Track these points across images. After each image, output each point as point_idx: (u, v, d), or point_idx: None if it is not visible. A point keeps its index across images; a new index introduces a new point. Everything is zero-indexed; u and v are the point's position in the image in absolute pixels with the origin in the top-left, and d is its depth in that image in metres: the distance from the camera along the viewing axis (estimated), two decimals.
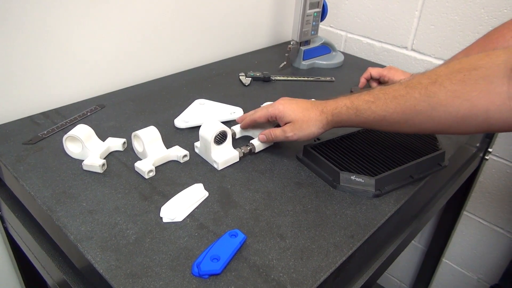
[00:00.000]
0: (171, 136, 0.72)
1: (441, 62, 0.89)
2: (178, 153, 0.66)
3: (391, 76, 0.89)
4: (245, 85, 0.94)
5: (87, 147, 0.64)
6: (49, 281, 0.68)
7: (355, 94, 0.59)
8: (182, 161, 0.66)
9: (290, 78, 0.99)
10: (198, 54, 1.05)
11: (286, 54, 1.04)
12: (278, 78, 0.99)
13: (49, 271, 0.65)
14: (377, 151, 0.67)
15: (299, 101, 0.65)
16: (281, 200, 0.59)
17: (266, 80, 0.97)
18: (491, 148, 0.99)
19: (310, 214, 0.57)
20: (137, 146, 0.67)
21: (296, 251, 0.51)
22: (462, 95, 0.47)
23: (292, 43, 1.03)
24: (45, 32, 0.75)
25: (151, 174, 0.62)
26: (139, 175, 0.62)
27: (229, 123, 0.77)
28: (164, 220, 0.54)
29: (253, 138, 0.70)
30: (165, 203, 0.56)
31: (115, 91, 0.88)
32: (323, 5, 1.02)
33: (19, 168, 0.63)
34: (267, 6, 1.17)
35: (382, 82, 0.92)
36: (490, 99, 0.45)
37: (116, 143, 0.68)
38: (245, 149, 0.67)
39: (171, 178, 0.62)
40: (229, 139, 0.66)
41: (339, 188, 0.62)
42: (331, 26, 1.25)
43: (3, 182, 0.71)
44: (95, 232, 0.52)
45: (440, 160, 0.69)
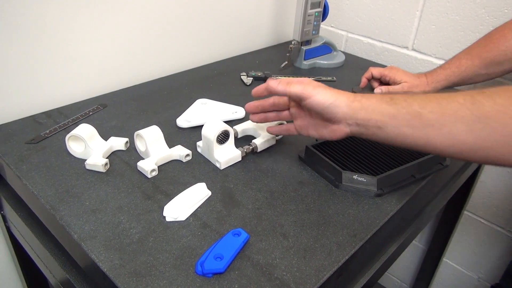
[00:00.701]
0: (174, 136, 0.73)
1: (442, 62, 0.89)
2: (180, 152, 0.66)
3: (392, 76, 0.89)
4: (247, 85, 0.95)
5: (90, 146, 0.64)
6: (52, 280, 0.68)
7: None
8: (184, 161, 0.66)
9: (291, 77, 1.00)
10: (199, 53, 1.06)
11: (287, 54, 1.04)
12: (279, 77, 0.99)
13: (52, 270, 0.65)
14: (379, 150, 0.68)
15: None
16: (284, 200, 0.59)
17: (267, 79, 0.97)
18: None
19: (313, 213, 0.57)
20: (140, 146, 0.67)
21: (299, 250, 0.51)
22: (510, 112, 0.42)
23: (293, 42, 1.03)
24: (47, 32, 0.76)
25: (154, 174, 0.63)
26: (141, 175, 0.63)
27: (231, 123, 0.77)
28: (167, 219, 0.54)
29: (255, 138, 0.70)
30: (168, 202, 0.56)
31: (117, 91, 0.88)
32: (324, 5, 1.03)
33: (22, 167, 0.63)
34: (269, 6, 1.17)
35: (383, 82, 0.93)
36: None
37: (118, 143, 0.68)
38: (248, 148, 0.67)
39: (173, 178, 0.62)
40: (232, 138, 0.66)
41: (341, 188, 0.62)
42: (332, 26, 1.26)
43: (6, 181, 0.71)
44: (98, 231, 0.52)
45: (442, 160, 0.69)
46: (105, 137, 0.69)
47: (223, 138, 0.65)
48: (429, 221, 0.84)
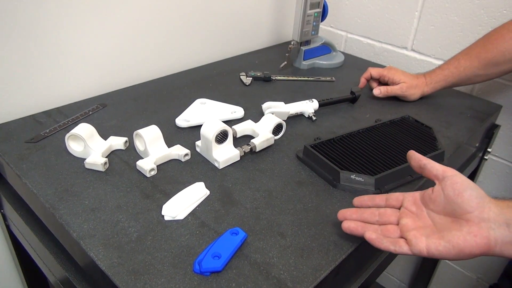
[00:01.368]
0: (173, 135, 0.73)
1: (441, 62, 0.90)
2: (179, 152, 0.66)
3: (391, 76, 0.90)
4: (246, 85, 0.95)
5: (89, 145, 0.64)
6: (51, 279, 0.69)
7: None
8: (183, 160, 0.67)
9: (291, 78, 1.00)
10: (199, 53, 1.06)
11: (287, 54, 1.04)
12: (279, 78, 0.99)
13: (51, 269, 0.66)
14: (377, 150, 0.68)
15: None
16: (282, 199, 0.60)
17: (267, 79, 0.98)
18: (490, 148, 1.00)
19: (311, 212, 0.57)
20: (139, 145, 0.67)
21: (297, 249, 0.51)
22: None
23: (292, 43, 1.03)
24: (47, 31, 0.76)
25: (153, 173, 0.63)
26: (140, 174, 0.63)
27: (230, 122, 0.77)
28: (166, 218, 0.55)
29: (254, 137, 0.70)
30: (167, 201, 0.57)
31: (117, 90, 0.88)
32: (324, 6, 1.03)
33: (22, 166, 0.63)
34: (268, 6, 1.17)
35: (382, 82, 0.93)
36: None
37: (118, 142, 0.68)
38: (246, 148, 0.67)
39: (172, 177, 0.63)
40: (230, 138, 0.66)
41: (339, 187, 0.62)
42: (331, 26, 1.26)
43: (6, 180, 0.71)
44: (97, 230, 0.52)
45: (440, 160, 0.69)
46: (104, 137, 0.69)
47: (221, 137, 0.65)
48: None
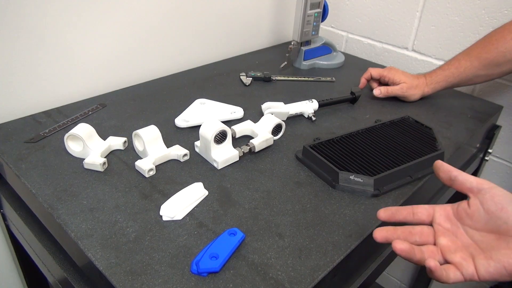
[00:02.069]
0: (172, 135, 0.73)
1: (441, 63, 0.89)
2: (178, 152, 0.66)
3: (391, 77, 0.89)
4: (246, 85, 0.95)
5: (88, 145, 0.64)
6: (50, 279, 0.69)
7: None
8: (182, 160, 0.66)
9: (291, 78, 1.00)
10: (199, 54, 1.06)
11: (287, 54, 1.04)
12: (279, 78, 0.99)
13: (50, 269, 0.66)
14: (376, 151, 0.68)
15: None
16: (280, 200, 0.59)
17: (267, 80, 0.97)
18: (491, 149, 0.99)
19: (309, 213, 0.57)
20: (138, 145, 0.67)
21: (295, 250, 0.51)
22: None
23: (292, 43, 1.03)
24: (46, 31, 0.76)
25: (152, 173, 0.63)
26: (139, 174, 0.63)
27: (229, 123, 0.77)
28: (164, 218, 0.55)
29: (253, 138, 0.70)
30: (165, 201, 0.57)
31: (117, 91, 0.88)
32: (324, 6, 1.03)
33: (21, 166, 0.63)
34: (268, 6, 1.17)
35: (382, 83, 0.93)
36: None
37: (117, 142, 0.68)
38: (245, 148, 0.67)
39: (171, 177, 0.63)
40: (229, 138, 0.66)
41: (338, 188, 0.62)
42: (332, 27, 1.26)
43: (5, 180, 0.71)
44: (95, 230, 0.52)
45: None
46: (104, 137, 0.69)
47: (220, 138, 0.65)
48: None
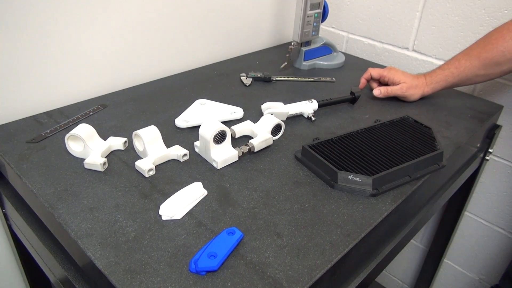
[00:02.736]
0: (172, 136, 0.73)
1: (442, 63, 0.89)
2: (178, 152, 0.67)
3: (391, 77, 0.90)
4: (246, 86, 0.95)
5: (89, 146, 0.65)
6: (51, 278, 0.69)
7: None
8: (182, 160, 0.67)
9: (291, 78, 1.00)
10: (199, 54, 1.06)
11: (287, 55, 1.04)
12: (279, 78, 0.99)
13: (51, 268, 0.66)
14: (375, 150, 0.68)
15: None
16: (279, 199, 0.60)
17: (267, 80, 0.98)
18: (491, 149, 0.99)
19: (308, 212, 0.57)
20: (138, 145, 0.67)
21: (293, 249, 0.51)
22: None
23: (293, 44, 1.03)
24: (48, 32, 0.77)
25: (151, 173, 0.63)
26: (139, 174, 0.63)
27: (229, 123, 0.78)
28: (163, 217, 0.55)
29: (252, 138, 0.71)
30: (165, 201, 0.57)
31: (118, 91, 0.89)
32: (324, 6, 1.03)
33: (22, 166, 0.64)
34: (268, 7, 1.18)
35: (382, 83, 0.93)
36: None
37: (117, 142, 0.69)
38: (245, 148, 0.68)
39: (170, 177, 0.63)
40: (229, 138, 0.67)
41: (337, 187, 0.62)
42: (333, 27, 1.26)
43: (7, 180, 0.72)
44: (95, 229, 0.53)
45: (438, 160, 0.69)
46: (105, 137, 0.69)
47: (220, 138, 0.65)
48: (426, 221, 0.84)
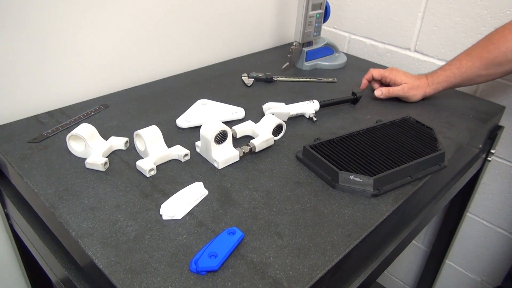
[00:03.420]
0: (173, 136, 0.73)
1: (443, 63, 0.89)
2: (179, 152, 0.67)
3: (392, 77, 0.89)
4: (248, 86, 0.95)
5: (90, 145, 0.65)
6: (52, 278, 0.70)
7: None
8: (183, 160, 0.67)
9: (292, 79, 1.00)
10: (201, 55, 1.07)
11: (289, 55, 1.04)
12: (281, 79, 0.99)
13: (52, 268, 0.67)
14: (376, 151, 0.68)
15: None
16: (280, 199, 0.60)
17: (268, 81, 0.98)
18: (493, 150, 0.99)
19: (308, 213, 0.57)
20: (139, 145, 0.68)
21: (293, 249, 0.51)
22: None
23: (294, 44, 1.03)
24: (50, 32, 0.77)
25: (152, 173, 0.63)
26: (140, 174, 0.63)
27: (231, 123, 0.78)
28: (164, 217, 0.55)
29: (253, 138, 0.71)
30: (165, 201, 0.57)
31: (119, 91, 0.89)
32: (326, 7, 1.03)
33: (24, 166, 0.64)
34: (270, 7, 1.18)
35: (383, 83, 0.93)
36: None
37: (118, 142, 0.69)
38: (246, 148, 0.68)
39: (171, 177, 0.63)
40: (230, 138, 0.66)
41: (338, 188, 0.62)
42: (334, 28, 1.26)
43: (8, 180, 0.72)
44: (96, 229, 0.53)
45: (440, 161, 0.69)
46: (106, 137, 0.70)
47: (221, 138, 0.65)
48: (428, 222, 0.83)
